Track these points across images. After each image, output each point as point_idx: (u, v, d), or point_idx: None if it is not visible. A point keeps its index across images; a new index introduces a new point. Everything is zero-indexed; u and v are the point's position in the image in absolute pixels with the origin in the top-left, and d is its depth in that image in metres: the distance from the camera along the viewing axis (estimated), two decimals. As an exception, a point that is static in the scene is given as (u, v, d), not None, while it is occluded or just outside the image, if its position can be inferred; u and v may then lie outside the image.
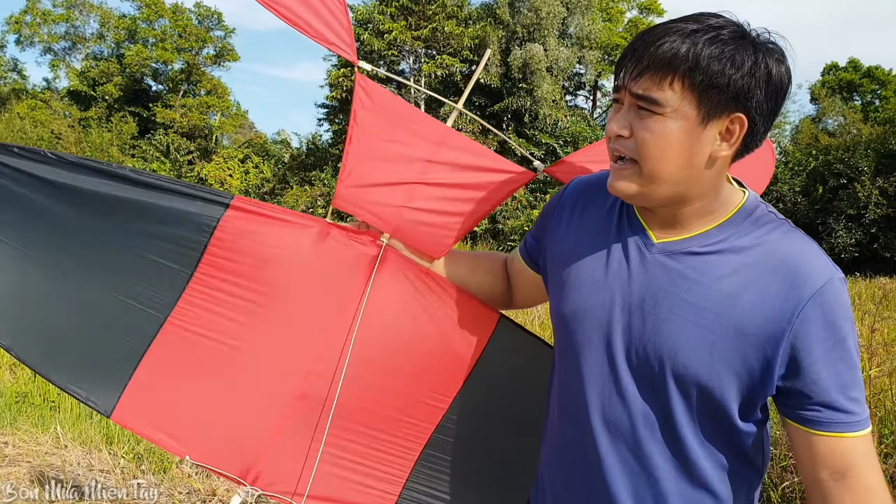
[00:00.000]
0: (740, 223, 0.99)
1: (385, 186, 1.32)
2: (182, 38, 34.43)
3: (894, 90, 29.24)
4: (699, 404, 0.98)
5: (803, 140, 24.43)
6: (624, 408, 1.02)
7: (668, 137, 0.92)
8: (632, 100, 0.94)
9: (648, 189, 0.97)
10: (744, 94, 0.91)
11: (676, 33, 0.91)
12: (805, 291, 0.92)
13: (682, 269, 0.98)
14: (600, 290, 1.05)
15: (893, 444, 3.09)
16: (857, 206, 20.32)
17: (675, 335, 0.96)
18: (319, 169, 27.65)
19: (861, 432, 0.94)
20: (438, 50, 26.34)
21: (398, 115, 1.34)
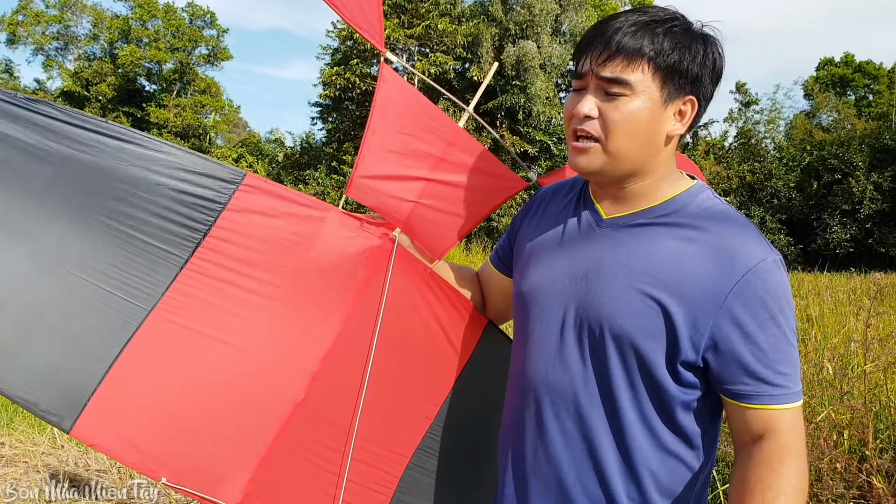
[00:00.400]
0: (686, 202, 1.07)
1: (398, 180, 1.30)
2: (175, 38, 34.31)
3: (887, 84, 29.33)
4: (636, 368, 1.03)
5: (797, 135, 24.51)
6: (567, 375, 1.08)
7: (637, 116, 1.01)
8: (599, 83, 1.02)
9: (611, 165, 1.05)
10: (697, 79, 1.03)
11: (638, 24, 1.01)
12: (739, 269, 0.98)
13: (626, 239, 1.06)
14: (553, 266, 1.13)
15: (889, 439, 3.10)
16: (851, 201, 20.41)
17: (614, 298, 1.03)
18: (313, 168, 27.60)
19: (788, 405, 0.99)
20: (432, 48, 26.30)
21: (417, 110, 1.33)
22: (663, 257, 1.02)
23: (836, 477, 2.67)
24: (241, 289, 1.19)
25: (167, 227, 1.14)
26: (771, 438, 0.99)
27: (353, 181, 1.28)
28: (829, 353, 4.32)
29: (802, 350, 4.83)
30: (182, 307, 1.15)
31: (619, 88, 1.00)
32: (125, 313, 1.13)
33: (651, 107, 1.02)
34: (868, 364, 3.31)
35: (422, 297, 1.33)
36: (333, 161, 27.32)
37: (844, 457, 2.79)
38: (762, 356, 0.98)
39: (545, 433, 1.10)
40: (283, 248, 1.21)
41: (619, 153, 1.03)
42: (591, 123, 1.03)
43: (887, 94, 28.37)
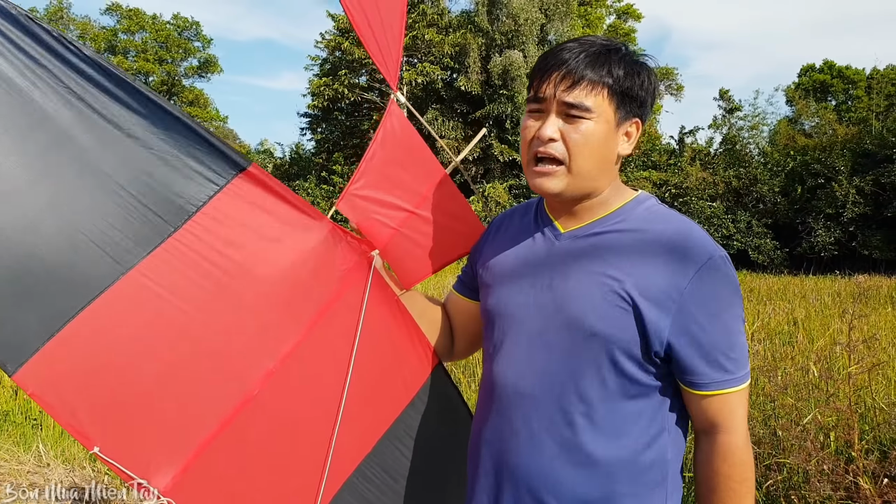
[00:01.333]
0: (634, 209, 1.16)
1: (385, 206, 1.36)
2: (163, 50, 34.18)
3: (865, 89, 29.75)
4: (607, 365, 1.09)
5: (781, 141, 24.78)
6: (537, 380, 1.13)
7: (596, 138, 1.10)
8: (561, 108, 1.10)
9: (573, 185, 1.13)
10: (643, 103, 1.14)
11: (595, 53, 1.10)
12: (690, 268, 1.06)
13: (585, 248, 1.14)
14: (517, 280, 1.20)
15: (874, 440, 3.14)
16: (835, 205, 20.64)
17: (582, 300, 1.10)
18: (303, 178, 27.54)
19: (737, 388, 1.09)
20: (419, 58, 26.41)
21: (414, 148, 1.40)
22: (621, 259, 1.10)
23: (823, 478, 2.70)
24: (217, 267, 1.20)
25: (166, 195, 1.16)
26: (718, 433, 1.10)
27: (345, 195, 1.33)
28: (814, 356, 4.38)
29: (789, 353, 4.89)
30: (157, 271, 1.16)
31: (580, 112, 1.08)
32: (103, 271, 1.13)
33: (607, 129, 1.11)
34: (853, 366, 3.35)
35: (385, 326, 1.35)
36: (323, 171, 27.29)
37: (831, 458, 2.82)
38: (715, 346, 1.07)
39: (518, 438, 1.14)
40: (266, 242, 1.24)
41: (580, 173, 1.12)
42: (554, 146, 1.11)
43: (866, 99, 28.77)
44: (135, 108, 1.14)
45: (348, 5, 1.28)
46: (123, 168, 1.14)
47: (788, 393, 3.43)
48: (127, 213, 1.14)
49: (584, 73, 1.08)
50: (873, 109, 26.09)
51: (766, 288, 11.71)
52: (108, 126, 1.13)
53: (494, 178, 25.06)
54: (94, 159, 1.12)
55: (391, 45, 1.34)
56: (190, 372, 1.19)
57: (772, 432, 3.14)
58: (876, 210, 20.38)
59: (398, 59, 1.35)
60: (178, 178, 1.17)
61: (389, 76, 1.34)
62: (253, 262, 1.23)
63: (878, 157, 20.40)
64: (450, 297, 1.46)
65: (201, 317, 1.19)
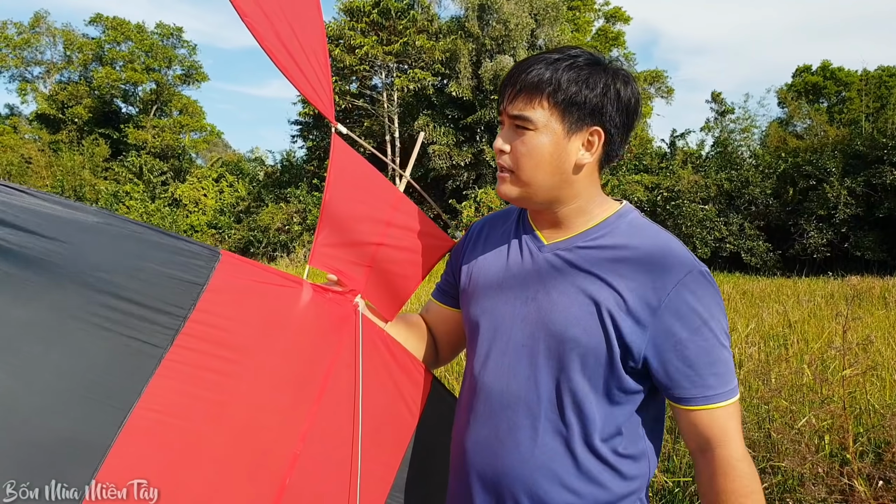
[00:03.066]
0: (616, 223, 1.16)
1: (355, 246, 1.34)
2: (150, 58, 34.16)
3: (857, 91, 29.97)
4: (591, 375, 1.11)
5: (772, 143, 24.90)
6: (524, 388, 1.15)
7: (539, 149, 1.11)
8: (510, 120, 1.13)
9: (526, 192, 1.15)
10: (598, 110, 1.10)
11: (542, 62, 1.10)
12: (669, 282, 1.07)
13: (568, 262, 1.15)
14: (502, 290, 1.21)
15: (869, 441, 3.12)
16: (827, 206, 20.73)
17: (565, 312, 1.11)
18: (294, 185, 27.51)
19: (725, 402, 1.08)
20: (410, 64, 26.46)
21: (366, 178, 1.37)
22: (603, 274, 1.11)
23: (818, 481, 2.68)
24: (220, 374, 1.12)
25: (149, 317, 1.06)
26: (710, 450, 1.08)
27: (314, 251, 1.31)
28: (808, 359, 4.36)
29: (784, 355, 4.87)
30: (161, 401, 1.06)
31: (523, 123, 1.10)
32: (107, 420, 1.03)
33: (554, 139, 1.10)
34: (847, 369, 3.33)
35: (381, 363, 1.34)
36: (315, 178, 27.28)
37: (826, 461, 2.81)
38: (696, 360, 1.07)
39: (505, 447, 1.15)
40: (259, 326, 1.18)
41: (529, 182, 1.13)
42: (504, 157, 1.14)
43: (857, 100, 28.98)
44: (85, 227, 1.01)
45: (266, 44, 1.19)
46: (94, 303, 1.02)
47: (783, 396, 3.41)
48: (112, 350, 1.03)
49: (525, 85, 1.09)
50: (864, 111, 26.28)
51: (759, 290, 11.73)
52: (53, 268, 0.99)
53: (486, 183, 25.08)
54: (58, 301, 1.00)
55: (321, 78, 1.28)
56: (223, 490, 1.13)
57: (766, 435, 3.12)
58: (868, 211, 20.48)
59: (329, 89, 1.30)
60: (158, 292, 1.06)
61: (324, 108, 1.28)
62: (252, 352, 1.16)
63: (869, 158, 20.52)
64: (430, 306, 1.45)
65: (212, 430, 1.11)
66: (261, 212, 26.70)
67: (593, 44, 32.59)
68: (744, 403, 3.62)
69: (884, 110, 24.29)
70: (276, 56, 1.21)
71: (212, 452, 1.12)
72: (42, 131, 34.30)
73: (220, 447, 1.12)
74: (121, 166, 31.62)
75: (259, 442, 1.17)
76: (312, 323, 1.25)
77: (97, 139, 32.75)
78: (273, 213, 25.62)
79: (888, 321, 7.14)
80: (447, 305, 1.41)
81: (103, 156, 32.54)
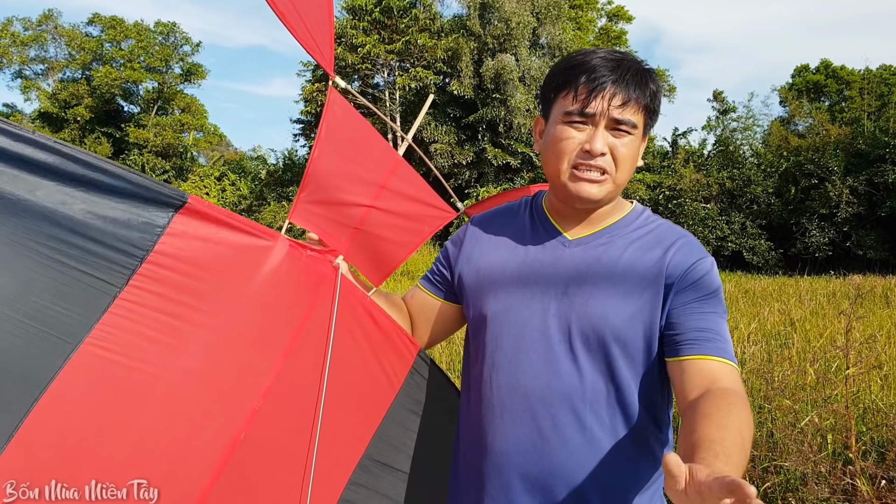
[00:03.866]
0: (636, 218, 1.25)
1: (342, 206, 1.30)
2: (150, 57, 34.16)
3: (858, 89, 29.90)
4: (634, 360, 1.15)
5: (774, 142, 24.86)
6: (565, 383, 1.16)
7: (635, 152, 1.18)
8: (611, 122, 1.14)
9: (612, 193, 1.19)
10: (657, 115, 1.21)
11: (636, 70, 1.15)
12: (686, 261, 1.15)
13: (597, 255, 1.20)
14: (527, 286, 1.22)
15: (872, 441, 3.13)
16: (828, 205, 20.72)
17: (603, 304, 1.15)
18: (297, 184, 27.46)
19: (729, 360, 1.09)
20: (412, 63, 26.44)
21: (362, 138, 1.33)
22: (629, 260, 1.18)
23: (820, 481, 2.68)
24: (176, 318, 1.10)
25: (103, 254, 1.05)
26: (716, 385, 1.05)
27: (296, 207, 1.26)
28: (811, 357, 4.37)
29: (787, 354, 4.87)
30: (109, 338, 1.05)
31: (628, 128, 1.15)
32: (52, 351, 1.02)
33: (640, 143, 1.19)
34: (851, 368, 3.33)
35: (360, 327, 1.30)
36: (316, 177, 27.21)
37: (829, 460, 2.81)
38: (704, 318, 1.12)
39: (550, 444, 1.16)
40: (224, 276, 1.15)
41: (621, 183, 1.19)
42: (604, 159, 1.15)
43: (859, 99, 28.92)
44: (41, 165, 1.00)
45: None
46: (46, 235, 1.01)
47: (785, 395, 3.41)
48: (63, 282, 1.02)
49: (634, 92, 1.14)
50: (865, 109, 26.23)
51: (761, 289, 11.72)
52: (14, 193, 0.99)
53: (488, 181, 25.08)
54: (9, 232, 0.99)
55: (322, 28, 1.25)
56: (170, 434, 1.10)
57: (769, 435, 3.12)
58: (869, 210, 20.46)
59: (330, 40, 1.27)
60: (114, 230, 1.04)
61: (323, 60, 1.24)
62: (214, 301, 1.13)
63: (871, 156, 20.50)
64: (416, 292, 1.42)
65: (168, 375, 1.09)
66: (263, 210, 26.72)
67: (596, 42, 32.54)
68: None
69: (885, 109, 24.27)
70: (280, 8, 1.18)
71: (160, 395, 1.09)
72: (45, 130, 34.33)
73: (170, 392, 1.10)
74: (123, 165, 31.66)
75: (213, 392, 1.14)
76: (284, 278, 1.21)
77: (99, 138, 32.78)
78: (275, 211, 25.63)
79: (891, 320, 7.13)
80: (434, 295, 1.38)
81: (106, 154, 32.58)
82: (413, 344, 1.38)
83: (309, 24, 1.23)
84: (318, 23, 1.25)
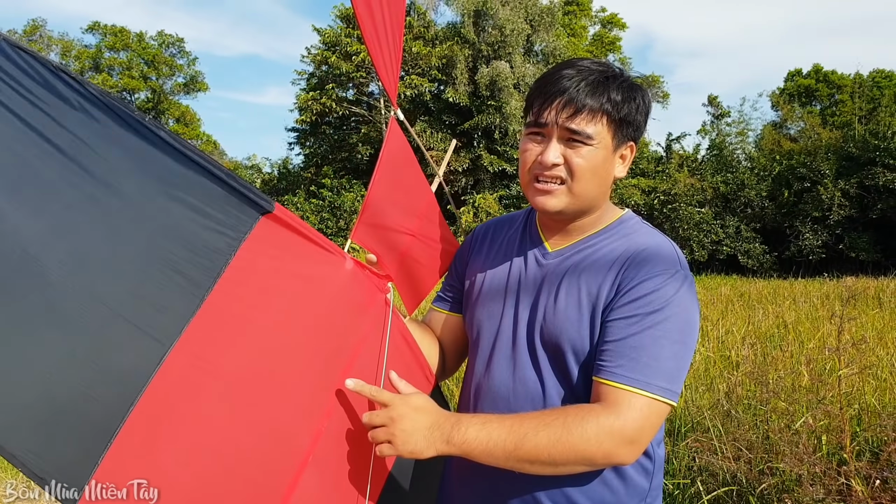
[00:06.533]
0: (616, 228, 1.23)
1: (394, 231, 1.34)
2: (150, 67, 34.13)
3: (849, 94, 30.10)
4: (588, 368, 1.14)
5: (767, 146, 25.00)
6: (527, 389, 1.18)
7: (596, 163, 1.15)
8: (564, 133, 1.14)
9: (573, 204, 1.18)
10: (637, 127, 1.18)
11: (595, 81, 1.13)
12: (644, 272, 1.11)
13: (569, 266, 1.20)
14: (507, 296, 1.25)
15: (866, 441, 3.16)
16: (821, 208, 20.82)
17: (564, 315, 1.16)
18: (292, 193, 27.49)
19: (630, 387, 1.04)
20: (407, 70, 26.52)
21: (411, 170, 1.39)
22: (594, 273, 1.17)
23: (815, 482, 2.71)
24: (256, 326, 1.07)
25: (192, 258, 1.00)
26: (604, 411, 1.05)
27: (358, 226, 1.28)
28: (804, 359, 4.40)
29: (780, 356, 4.91)
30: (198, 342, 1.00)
31: (581, 139, 1.13)
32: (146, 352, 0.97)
33: (605, 153, 1.16)
34: (843, 369, 3.38)
35: (401, 356, 1.32)
36: (312, 185, 27.25)
37: (824, 461, 2.84)
38: (621, 340, 1.08)
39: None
40: (301, 288, 1.14)
41: (580, 193, 1.17)
42: (559, 169, 1.16)
43: (850, 103, 29.12)
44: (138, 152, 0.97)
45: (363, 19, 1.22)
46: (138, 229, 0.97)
47: (780, 397, 3.45)
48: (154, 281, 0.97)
49: (586, 101, 1.12)
50: (856, 113, 26.42)
51: (755, 292, 11.78)
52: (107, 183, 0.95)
53: (484, 188, 25.13)
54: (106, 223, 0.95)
55: (393, 60, 1.31)
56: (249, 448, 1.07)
57: (764, 437, 3.15)
58: (861, 212, 20.58)
59: (397, 74, 1.33)
60: (201, 231, 1.00)
61: (391, 92, 1.31)
62: (290, 313, 1.12)
63: (862, 160, 20.63)
64: (433, 315, 1.44)
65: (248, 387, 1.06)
66: (258, 219, 26.60)
67: (590, 49, 32.71)
68: (741, 405, 3.65)
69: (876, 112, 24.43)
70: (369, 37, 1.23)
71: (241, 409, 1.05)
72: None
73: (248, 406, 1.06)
74: (117, 175, 31.48)
75: (288, 408, 1.12)
76: (350, 295, 1.22)
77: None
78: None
79: (883, 321, 7.19)
80: (452, 312, 1.41)
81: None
82: (433, 378, 1.42)
83: (385, 56, 1.29)
84: (392, 55, 1.31)
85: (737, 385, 3.92)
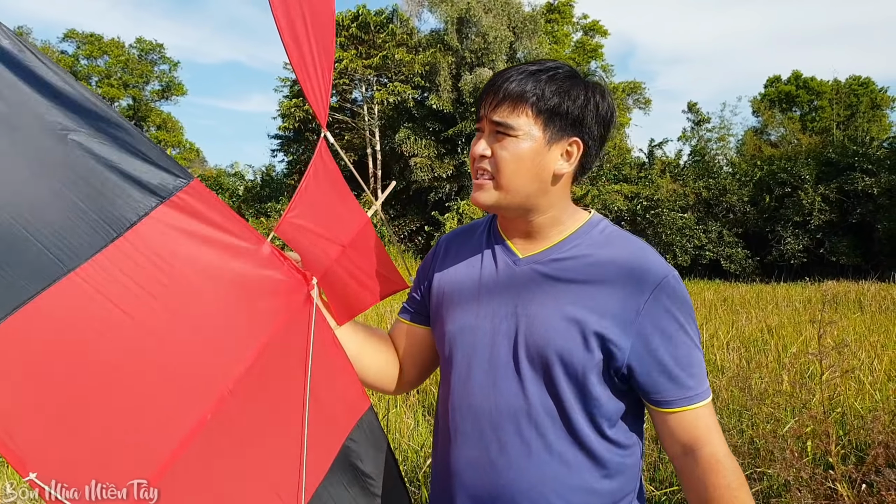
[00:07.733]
0: (589, 232, 1.20)
1: (323, 238, 1.31)
2: (127, 74, 33.88)
3: (828, 100, 30.59)
4: (576, 383, 1.13)
5: (748, 151, 25.32)
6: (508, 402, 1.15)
7: (520, 153, 1.13)
8: (491, 126, 1.14)
9: (504, 199, 1.16)
10: (579, 121, 1.14)
11: (524, 73, 1.13)
12: (647, 287, 1.11)
13: (546, 273, 1.17)
14: (480, 306, 1.21)
15: (850, 444, 3.17)
16: (802, 212, 21.11)
17: (547, 326, 1.13)
18: (275, 200, 27.37)
19: (702, 403, 1.12)
20: (390, 77, 26.54)
21: (340, 191, 1.39)
22: (580, 287, 1.14)
23: (802, 487, 2.70)
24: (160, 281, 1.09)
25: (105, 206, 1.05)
26: (696, 449, 1.11)
27: (283, 221, 1.27)
28: (787, 363, 4.42)
29: (763, 361, 4.93)
30: (98, 278, 1.02)
31: (504, 130, 1.13)
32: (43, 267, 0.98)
33: (535, 146, 1.13)
34: (825, 372, 3.38)
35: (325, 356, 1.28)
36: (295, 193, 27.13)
37: (810, 466, 2.83)
38: (676, 363, 1.11)
39: (497, 466, 1.15)
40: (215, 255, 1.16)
41: (508, 187, 1.15)
42: (485, 162, 1.16)
43: (829, 109, 29.59)
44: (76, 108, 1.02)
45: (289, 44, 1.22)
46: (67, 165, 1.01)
47: (765, 402, 3.45)
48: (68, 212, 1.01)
49: (508, 92, 1.12)
50: (835, 119, 26.86)
51: (738, 297, 11.87)
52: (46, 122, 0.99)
53: (468, 194, 25.15)
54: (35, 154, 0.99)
55: (322, 82, 1.30)
56: (144, 388, 1.06)
57: (750, 442, 3.14)
58: (841, 217, 20.89)
59: (328, 94, 1.31)
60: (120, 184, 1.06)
61: (321, 114, 1.30)
62: (200, 277, 1.13)
63: (841, 165, 20.97)
64: (397, 325, 1.41)
65: (149, 327, 1.07)
66: (241, 227, 26.49)
67: (572, 55, 32.96)
68: (726, 410, 3.64)
69: (854, 118, 24.85)
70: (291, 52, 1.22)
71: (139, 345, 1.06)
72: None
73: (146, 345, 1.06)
74: (98, 183, 31.23)
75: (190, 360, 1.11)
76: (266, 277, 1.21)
77: (73, 156, 32.32)
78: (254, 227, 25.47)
79: (864, 324, 7.26)
80: (417, 324, 1.38)
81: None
82: (365, 398, 1.36)
83: (313, 80, 1.28)
84: (321, 76, 1.29)
85: (722, 389, 3.92)
